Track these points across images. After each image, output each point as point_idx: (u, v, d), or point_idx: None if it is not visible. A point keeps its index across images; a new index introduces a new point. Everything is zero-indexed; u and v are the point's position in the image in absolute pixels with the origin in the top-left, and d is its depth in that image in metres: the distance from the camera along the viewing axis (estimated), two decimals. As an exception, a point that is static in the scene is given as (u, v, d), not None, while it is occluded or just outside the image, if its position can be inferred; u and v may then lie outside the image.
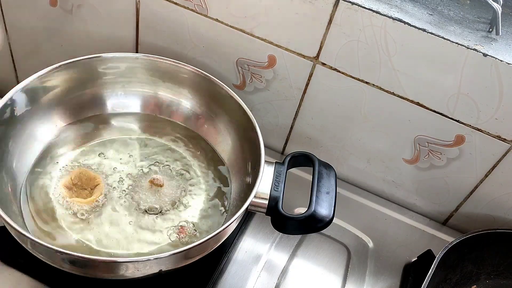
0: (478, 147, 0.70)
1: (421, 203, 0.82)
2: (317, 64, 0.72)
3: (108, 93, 0.78)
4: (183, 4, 0.74)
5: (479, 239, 0.70)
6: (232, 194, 0.72)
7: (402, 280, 0.74)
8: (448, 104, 0.68)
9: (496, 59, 0.61)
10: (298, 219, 0.62)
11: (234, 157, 0.75)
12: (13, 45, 0.93)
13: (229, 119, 0.75)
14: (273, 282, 0.71)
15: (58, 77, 0.71)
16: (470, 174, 0.74)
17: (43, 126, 0.73)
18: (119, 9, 0.79)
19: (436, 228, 0.82)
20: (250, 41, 0.73)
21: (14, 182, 0.67)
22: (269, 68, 0.76)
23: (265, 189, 0.64)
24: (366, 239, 0.78)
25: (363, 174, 0.83)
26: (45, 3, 0.83)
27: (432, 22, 0.64)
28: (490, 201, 0.76)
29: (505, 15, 0.68)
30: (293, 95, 0.77)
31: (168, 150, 0.76)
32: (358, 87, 0.72)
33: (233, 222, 0.60)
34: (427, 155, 0.75)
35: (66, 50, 0.89)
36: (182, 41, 0.78)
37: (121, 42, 0.83)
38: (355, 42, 0.67)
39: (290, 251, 0.75)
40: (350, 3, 0.64)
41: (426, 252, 0.73)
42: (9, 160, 0.67)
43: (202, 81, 0.75)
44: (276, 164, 0.67)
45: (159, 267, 0.57)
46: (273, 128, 0.84)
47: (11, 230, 0.57)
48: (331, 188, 0.66)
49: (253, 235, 0.75)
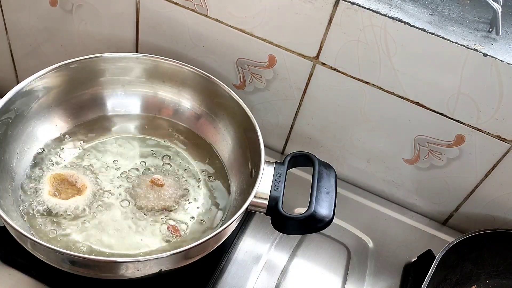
0: (478, 147, 0.70)
1: (421, 203, 0.82)
2: (317, 64, 0.72)
3: (108, 93, 0.78)
4: (183, 4, 0.74)
5: (479, 239, 0.70)
6: (232, 194, 0.72)
7: (402, 280, 0.74)
8: (448, 104, 0.68)
9: (496, 59, 0.61)
10: (298, 219, 0.62)
11: (234, 157, 0.75)
12: (13, 45, 0.93)
13: (229, 119, 0.75)
14: (273, 282, 0.71)
15: (58, 77, 0.71)
16: (470, 174, 0.74)
17: (43, 126, 0.73)
18: (119, 9, 0.79)
19: (436, 228, 0.82)
20: (250, 41, 0.73)
21: (14, 182, 0.67)
22: (269, 68, 0.76)
23: (265, 189, 0.64)
24: (366, 239, 0.78)
25: (363, 174, 0.83)
26: (45, 3, 0.83)
27: (432, 22, 0.64)
28: (490, 201, 0.76)
29: (505, 15, 0.68)
30: (293, 95, 0.77)
31: (168, 150, 0.76)
32: (358, 87, 0.72)
33: (233, 222, 0.60)
34: (427, 155, 0.75)
35: (66, 50, 0.89)
36: (182, 41, 0.78)
37: (121, 42, 0.83)
38: (355, 42, 0.67)
39: (290, 251, 0.75)
40: (350, 3, 0.64)
41: (426, 252, 0.73)
42: (9, 160, 0.67)
43: (202, 81, 0.75)
44: (276, 164, 0.67)
45: (159, 267, 0.57)
46: (273, 128, 0.84)
47: (11, 230, 0.57)
48: (331, 188, 0.66)
49: (253, 235, 0.75)
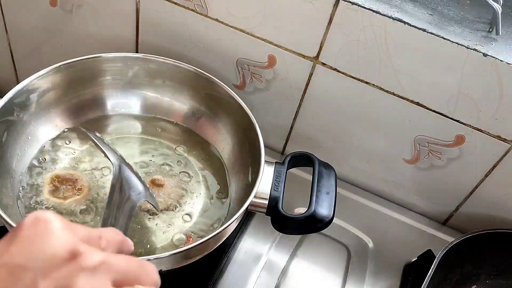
0: (478, 147, 0.70)
1: (421, 203, 0.82)
2: (317, 64, 0.72)
3: (108, 93, 0.78)
4: (183, 4, 0.74)
5: (479, 239, 0.70)
6: (232, 194, 0.72)
7: (402, 280, 0.74)
8: (448, 104, 0.68)
9: (496, 59, 0.61)
10: (298, 219, 0.62)
11: (234, 157, 0.75)
12: (13, 45, 0.93)
13: (229, 119, 0.75)
14: (273, 282, 0.71)
15: (58, 77, 0.71)
16: (470, 174, 0.74)
17: (43, 126, 0.73)
18: (119, 9, 0.79)
19: (436, 228, 0.82)
20: (250, 41, 0.73)
21: (14, 182, 0.67)
22: (269, 68, 0.76)
23: (265, 189, 0.64)
24: (366, 239, 0.78)
25: (363, 174, 0.83)
26: (45, 3, 0.83)
27: (432, 22, 0.64)
28: (490, 201, 0.76)
29: (505, 15, 0.68)
30: (293, 95, 0.77)
31: (168, 150, 0.76)
32: (358, 87, 0.72)
33: (233, 222, 0.60)
34: (427, 155, 0.75)
35: (66, 50, 0.89)
36: (182, 41, 0.78)
37: (121, 42, 0.83)
38: (355, 42, 0.67)
39: (290, 251, 0.75)
40: (350, 3, 0.64)
41: (426, 252, 0.73)
42: (9, 160, 0.67)
43: (202, 81, 0.75)
44: (276, 164, 0.67)
45: (159, 267, 0.57)
46: (273, 128, 0.84)
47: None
48: (331, 188, 0.66)
49: (253, 235, 0.75)
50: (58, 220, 0.31)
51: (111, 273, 0.30)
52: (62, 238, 0.30)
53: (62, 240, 0.30)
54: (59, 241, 0.30)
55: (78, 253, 0.29)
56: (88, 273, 0.29)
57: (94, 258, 0.30)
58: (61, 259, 0.29)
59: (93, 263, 0.29)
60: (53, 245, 0.29)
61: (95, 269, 0.29)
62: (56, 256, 0.29)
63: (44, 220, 0.30)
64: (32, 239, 0.29)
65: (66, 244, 0.29)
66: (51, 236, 0.29)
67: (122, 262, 0.31)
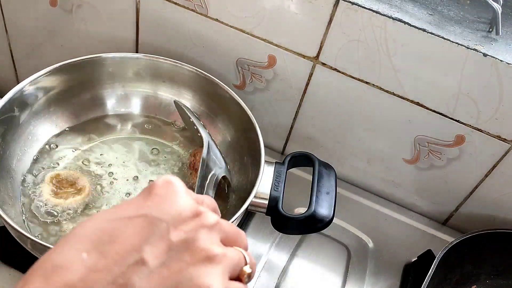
0: (478, 147, 0.70)
1: (421, 203, 0.82)
2: (317, 64, 0.72)
3: (108, 93, 0.78)
4: (183, 4, 0.74)
5: (479, 239, 0.70)
6: (232, 194, 0.72)
7: (402, 280, 0.74)
8: (448, 104, 0.68)
9: (496, 59, 0.61)
10: (298, 219, 0.62)
11: (234, 157, 0.75)
12: (13, 45, 0.93)
13: (229, 119, 0.75)
14: (273, 282, 0.71)
15: (58, 77, 0.71)
16: (470, 174, 0.74)
17: (43, 126, 0.73)
18: (119, 9, 0.79)
19: (436, 228, 0.82)
20: (250, 41, 0.73)
21: (14, 182, 0.67)
22: (269, 68, 0.76)
23: (265, 189, 0.64)
24: (366, 239, 0.78)
25: (363, 174, 0.83)
26: (45, 3, 0.83)
27: (432, 22, 0.64)
28: (490, 201, 0.76)
29: (505, 15, 0.68)
30: (293, 95, 0.77)
31: (168, 150, 0.76)
32: (358, 87, 0.72)
33: (233, 222, 0.60)
34: (427, 155, 0.75)
35: (66, 50, 0.89)
36: (182, 41, 0.78)
37: (121, 42, 0.83)
38: (355, 42, 0.67)
39: (290, 251, 0.75)
40: (350, 3, 0.64)
41: (426, 252, 0.73)
42: (9, 160, 0.67)
43: (202, 81, 0.75)
44: (276, 164, 0.67)
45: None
46: (273, 128, 0.84)
47: (11, 230, 0.57)
48: (331, 188, 0.66)
49: (253, 235, 0.75)
50: (182, 184, 0.38)
51: (221, 233, 0.36)
52: (186, 198, 0.36)
53: (186, 200, 0.36)
54: (185, 201, 0.36)
55: (200, 212, 0.36)
56: (207, 229, 0.35)
57: (211, 218, 0.36)
58: (187, 216, 0.35)
59: (211, 222, 0.36)
60: (180, 204, 0.36)
61: (212, 227, 0.36)
62: (182, 213, 0.35)
63: (172, 183, 0.37)
64: (164, 197, 0.36)
65: (189, 205, 0.36)
66: (178, 197, 0.36)
67: (228, 226, 0.37)
